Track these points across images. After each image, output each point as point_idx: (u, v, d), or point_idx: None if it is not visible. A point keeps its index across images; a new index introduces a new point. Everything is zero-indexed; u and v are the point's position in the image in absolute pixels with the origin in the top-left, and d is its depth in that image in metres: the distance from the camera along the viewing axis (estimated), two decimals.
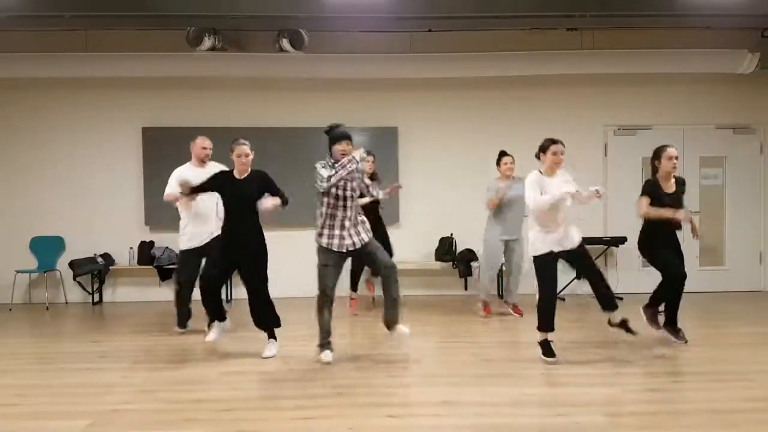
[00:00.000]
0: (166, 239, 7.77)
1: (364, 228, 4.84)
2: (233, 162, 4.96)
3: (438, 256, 7.82)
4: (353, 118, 8.05)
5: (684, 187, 5.19)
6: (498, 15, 6.69)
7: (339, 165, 4.62)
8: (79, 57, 7.42)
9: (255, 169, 5.02)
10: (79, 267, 7.59)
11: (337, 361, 4.82)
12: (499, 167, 6.42)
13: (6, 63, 7.28)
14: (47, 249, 7.91)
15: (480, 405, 3.83)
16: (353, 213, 4.77)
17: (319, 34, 7.57)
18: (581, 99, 8.15)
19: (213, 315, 5.30)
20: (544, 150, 4.87)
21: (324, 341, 4.82)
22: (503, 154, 6.45)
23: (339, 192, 4.69)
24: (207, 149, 5.78)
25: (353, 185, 4.77)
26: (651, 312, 5.35)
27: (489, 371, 4.54)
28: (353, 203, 4.78)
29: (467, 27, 7.56)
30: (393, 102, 8.12)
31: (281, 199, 4.96)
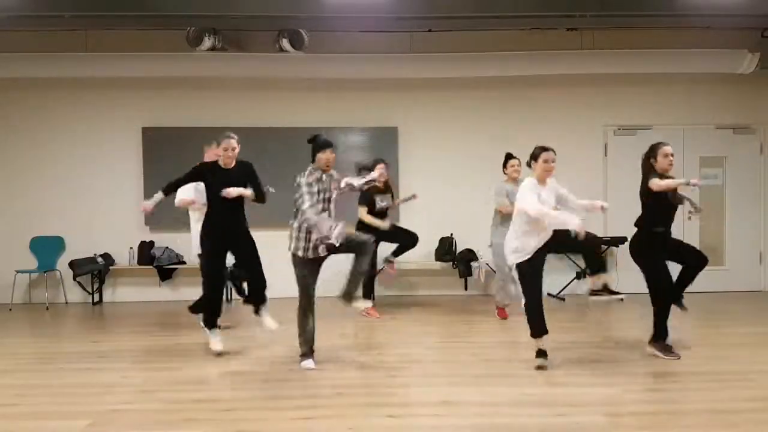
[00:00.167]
0: (166, 239, 7.78)
1: (336, 221, 4.71)
2: (219, 156, 5.01)
3: (438, 256, 7.81)
4: (353, 118, 8.08)
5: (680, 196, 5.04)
6: (498, 15, 6.68)
7: (363, 180, 4.81)
8: (79, 57, 7.41)
9: (240, 160, 5.06)
10: (79, 267, 7.59)
11: (337, 361, 4.82)
12: (506, 170, 6.32)
13: (6, 63, 7.28)
14: (47, 249, 7.91)
15: (480, 405, 3.83)
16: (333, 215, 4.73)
17: (319, 34, 7.57)
18: (581, 99, 8.15)
19: (213, 316, 5.15)
20: (535, 158, 4.78)
21: (308, 350, 4.70)
22: (510, 156, 6.33)
23: (325, 205, 4.64)
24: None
25: (334, 195, 4.74)
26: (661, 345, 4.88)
27: (489, 371, 4.54)
28: (334, 207, 4.75)
29: (467, 27, 7.56)
30: (393, 102, 8.12)
31: (258, 194, 5.00)
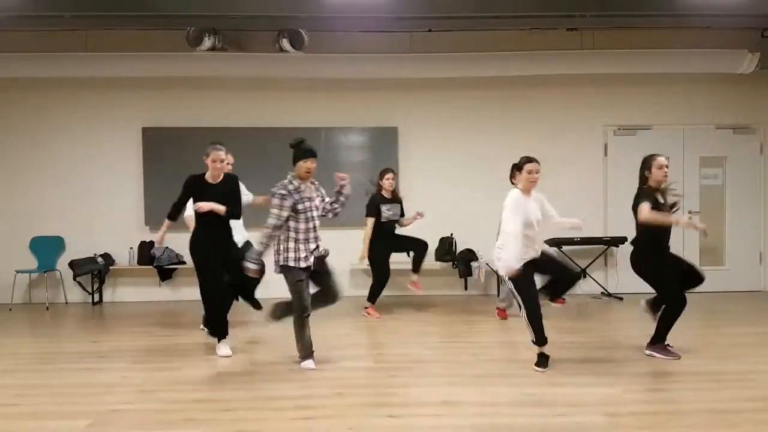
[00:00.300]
0: (166, 239, 7.75)
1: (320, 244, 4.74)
2: (207, 166, 4.98)
3: (438, 256, 7.81)
4: (353, 118, 8.09)
5: (675, 204, 4.94)
6: (498, 15, 6.68)
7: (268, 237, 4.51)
8: (79, 57, 7.41)
9: (228, 174, 5.09)
10: (79, 267, 7.59)
11: (337, 361, 4.82)
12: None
13: (6, 63, 7.28)
14: (47, 249, 7.91)
15: (480, 405, 3.83)
16: (315, 234, 4.65)
17: (319, 34, 7.57)
18: (581, 99, 8.15)
19: (221, 332, 5.10)
20: (519, 168, 4.75)
21: (308, 354, 4.66)
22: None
23: (309, 214, 4.59)
24: (225, 162, 5.81)
25: (316, 203, 4.67)
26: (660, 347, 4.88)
27: (489, 371, 4.54)
28: (314, 224, 4.65)
29: (467, 27, 7.56)
30: (393, 102, 8.12)
31: (233, 211, 4.94)
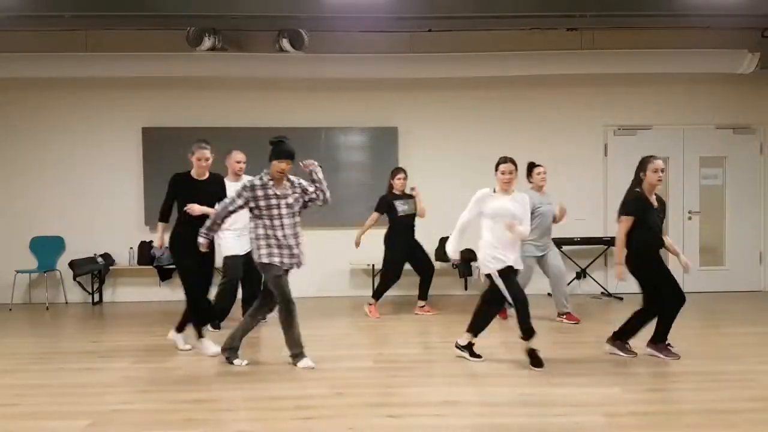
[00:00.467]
0: (166, 239, 7.76)
1: (302, 247, 4.73)
2: (192, 163, 5.08)
3: (438, 256, 7.80)
4: (353, 118, 8.09)
5: (665, 208, 4.92)
6: (498, 15, 6.69)
7: (215, 219, 4.58)
8: (79, 57, 7.41)
9: (213, 173, 5.14)
10: (79, 267, 7.58)
11: (337, 361, 4.82)
12: (531, 178, 6.23)
13: (6, 63, 7.28)
14: (47, 249, 7.91)
15: (480, 405, 3.83)
16: (295, 230, 4.64)
17: (319, 34, 7.57)
18: (581, 99, 8.15)
19: (203, 323, 5.19)
20: (495, 168, 4.80)
21: (301, 351, 4.67)
22: (533, 165, 6.28)
23: (275, 212, 4.56)
24: (241, 163, 5.95)
25: (289, 201, 4.61)
26: (661, 347, 4.86)
27: (489, 371, 4.54)
28: (296, 221, 4.66)
29: (467, 27, 7.56)
30: (393, 102, 8.12)
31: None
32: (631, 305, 5.53)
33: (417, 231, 6.82)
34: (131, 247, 7.87)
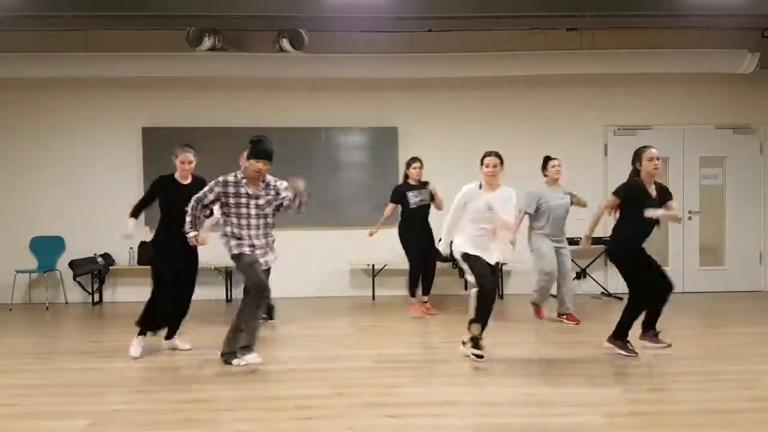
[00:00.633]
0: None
1: (270, 249, 4.72)
2: (176, 166, 5.11)
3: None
4: (353, 118, 8.09)
5: (670, 194, 4.89)
6: (498, 15, 6.69)
7: (191, 217, 4.56)
8: (79, 57, 7.42)
9: (196, 175, 5.15)
10: (79, 267, 7.59)
11: (337, 361, 4.83)
12: (546, 171, 6.23)
13: (6, 63, 7.28)
14: (47, 249, 7.91)
15: (480, 405, 3.83)
16: (263, 231, 4.62)
17: (319, 34, 7.57)
18: (581, 99, 8.15)
19: (151, 322, 5.16)
20: (481, 161, 4.82)
21: (252, 342, 4.53)
22: (549, 158, 6.26)
23: (243, 211, 4.55)
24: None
25: (260, 202, 4.58)
26: (650, 335, 5.02)
27: (489, 371, 4.54)
28: (263, 222, 4.62)
29: (467, 27, 7.56)
30: (393, 102, 8.12)
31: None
32: None
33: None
34: (131, 247, 7.86)
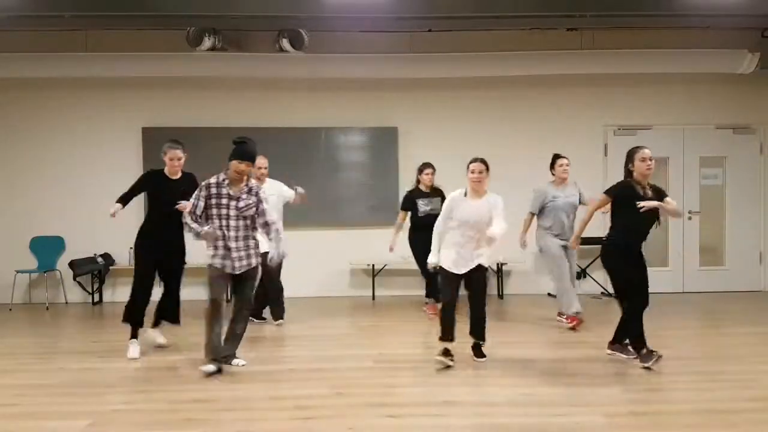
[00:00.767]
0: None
1: (255, 253, 4.66)
2: (165, 162, 5.14)
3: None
4: (353, 118, 8.09)
5: (665, 195, 4.69)
6: (498, 15, 6.69)
7: (195, 230, 4.48)
8: (79, 57, 7.42)
9: (186, 171, 5.17)
10: (79, 267, 7.58)
11: (337, 361, 4.83)
12: (554, 170, 6.10)
13: (6, 63, 7.28)
14: (47, 249, 7.91)
15: (480, 405, 3.83)
16: (242, 233, 4.57)
17: (319, 34, 7.57)
18: (581, 99, 8.15)
19: (135, 321, 5.17)
20: (467, 168, 4.76)
21: (210, 356, 4.52)
22: (557, 156, 6.13)
23: (223, 212, 4.53)
24: (262, 168, 6.01)
25: (239, 205, 4.54)
26: (619, 346, 4.82)
27: (489, 371, 4.54)
28: (243, 224, 4.58)
29: (467, 27, 7.56)
30: (393, 102, 8.12)
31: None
32: None
33: None
34: (131, 247, 7.81)
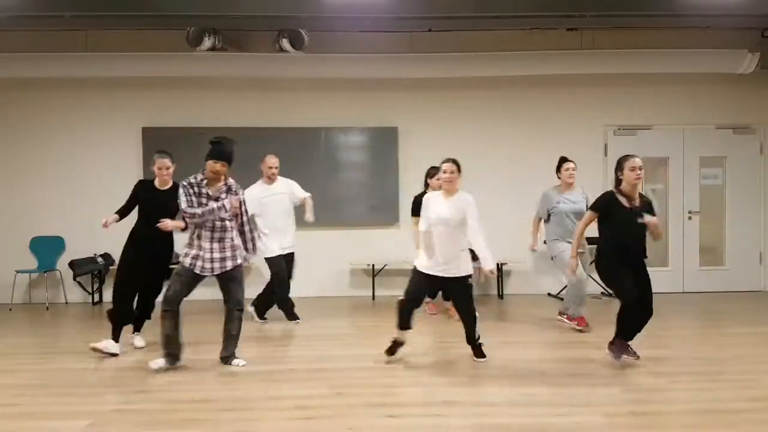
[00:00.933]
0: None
1: (231, 255, 4.64)
2: (153, 172, 5.18)
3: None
4: (353, 118, 8.09)
5: (653, 211, 4.60)
6: (498, 15, 6.69)
7: (207, 209, 4.48)
8: (79, 57, 7.42)
9: (176, 182, 5.13)
10: (79, 267, 7.58)
11: (337, 361, 4.83)
12: (560, 174, 5.97)
13: (6, 63, 7.28)
14: (47, 249, 7.91)
15: (480, 405, 3.83)
16: (218, 235, 4.58)
17: (319, 34, 7.57)
18: (581, 99, 8.15)
19: (125, 320, 5.21)
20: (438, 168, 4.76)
21: (164, 351, 4.58)
22: (564, 159, 5.99)
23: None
24: (273, 168, 6.16)
25: (219, 205, 4.53)
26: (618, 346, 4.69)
27: (489, 371, 4.54)
28: (219, 225, 4.58)
29: (467, 27, 7.56)
30: (393, 102, 8.12)
31: (183, 222, 4.82)
32: None
33: (417, 232, 6.77)
34: None
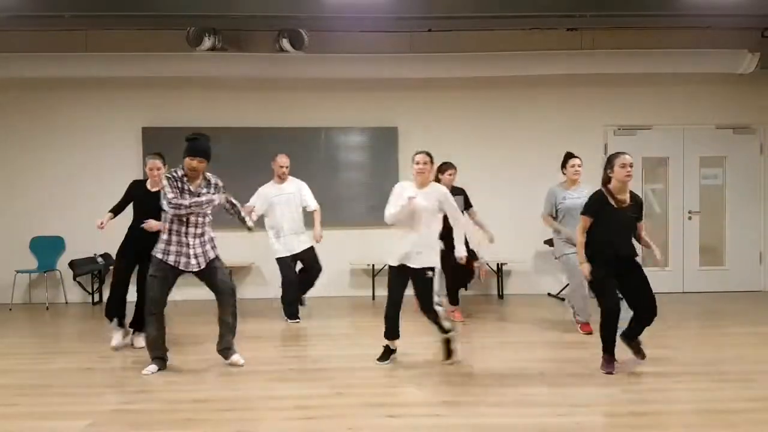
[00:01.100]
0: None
1: (211, 247, 4.67)
2: (146, 173, 5.28)
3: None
4: (353, 118, 8.09)
5: (641, 212, 4.54)
6: (498, 15, 6.69)
7: (195, 202, 4.46)
8: (79, 57, 7.42)
9: None
10: (79, 267, 7.58)
11: (337, 361, 4.83)
12: (565, 170, 5.80)
13: (6, 63, 7.29)
14: (47, 249, 7.91)
15: (480, 405, 3.83)
16: (200, 230, 4.59)
17: (319, 34, 7.57)
18: (581, 99, 8.15)
19: (115, 311, 5.43)
20: (412, 159, 4.77)
21: (153, 356, 4.62)
22: (570, 155, 5.81)
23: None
24: (283, 167, 6.30)
25: (201, 200, 4.53)
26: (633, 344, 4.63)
27: (489, 371, 4.54)
28: (201, 220, 4.59)
29: (467, 27, 7.57)
30: (393, 102, 8.12)
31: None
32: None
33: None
34: None
